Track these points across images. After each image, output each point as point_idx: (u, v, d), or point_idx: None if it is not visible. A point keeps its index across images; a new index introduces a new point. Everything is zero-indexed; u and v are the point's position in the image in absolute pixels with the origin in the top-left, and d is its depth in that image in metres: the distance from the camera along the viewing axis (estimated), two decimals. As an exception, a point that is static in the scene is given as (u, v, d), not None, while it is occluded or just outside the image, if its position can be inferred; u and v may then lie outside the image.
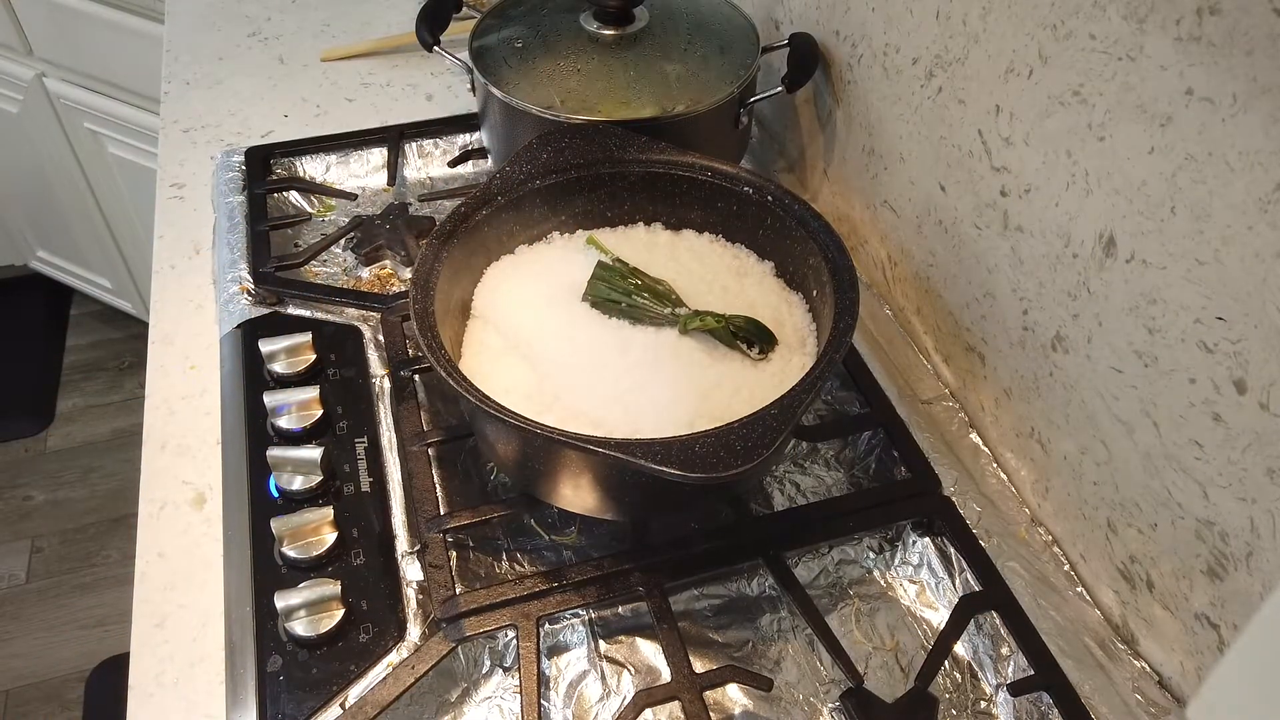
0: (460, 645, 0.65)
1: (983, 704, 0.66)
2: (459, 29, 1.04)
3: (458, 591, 0.67)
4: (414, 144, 1.06)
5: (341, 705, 0.62)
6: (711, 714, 0.62)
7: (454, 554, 0.71)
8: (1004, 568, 0.70)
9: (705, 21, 0.95)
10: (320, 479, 0.72)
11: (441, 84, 1.19)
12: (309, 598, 0.65)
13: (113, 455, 2.11)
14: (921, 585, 0.73)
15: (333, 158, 1.04)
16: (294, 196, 1.01)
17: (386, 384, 0.81)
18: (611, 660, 0.67)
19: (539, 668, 0.63)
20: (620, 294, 0.75)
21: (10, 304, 2.40)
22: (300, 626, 0.64)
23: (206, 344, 0.87)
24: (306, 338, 0.82)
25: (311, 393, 0.78)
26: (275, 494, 0.72)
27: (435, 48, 0.97)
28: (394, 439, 0.77)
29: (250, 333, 0.84)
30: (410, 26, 1.00)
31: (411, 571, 0.69)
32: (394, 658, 0.64)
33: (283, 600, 0.65)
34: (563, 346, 0.73)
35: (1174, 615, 0.64)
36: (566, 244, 0.82)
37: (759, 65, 0.93)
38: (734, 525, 0.72)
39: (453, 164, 1.05)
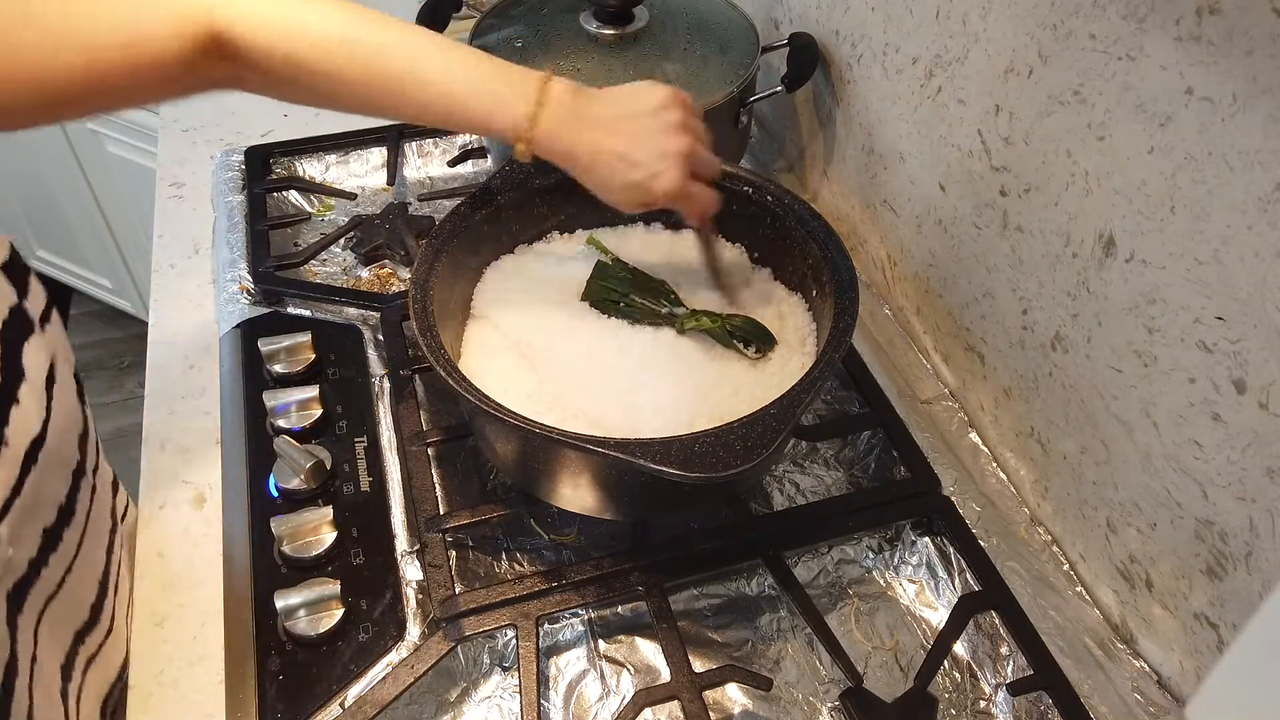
0: (460, 645, 0.65)
1: (982, 704, 0.66)
2: (459, 28, 1.04)
3: (457, 591, 0.67)
4: (413, 143, 1.05)
5: (341, 705, 0.62)
6: (711, 713, 0.62)
7: (453, 553, 0.71)
8: (1003, 568, 0.70)
9: (705, 21, 0.95)
10: (320, 477, 0.73)
11: (441, 84, 1.19)
12: (309, 597, 0.65)
13: (113, 455, 2.10)
14: (921, 585, 0.73)
15: (332, 157, 1.04)
16: (293, 196, 1.01)
17: (386, 384, 0.81)
18: (611, 660, 0.67)
19: (538, 667, 0.63)
20: (618, 294, 0.75)
21: (10, 304, 2.39)
22: (300, 626, 0.64)
23: (206, 344, 0.87)
24: (306, 337, 0.82)
25: (311, 392, 0.78)
26: (275, 494, 0.73)
27: (435, 47, 0.97)
28: (394, 439, 0.77)
29: (250, 332, 0.84)
30: (410, 26, 1.00)
31: (411, 571, 0.69)
32: (393, 657, 0.64)
33: (282, 600, 0.65)
34: (563, 346, 0.73)
35: (1173, 615, 0.64)
36: (566, 244, 0.82)
37: (759, 65, 0.93)
38: (734, 525, 0.72)
39: (452, 163, 1.05)
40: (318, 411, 0.77)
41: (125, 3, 0.54)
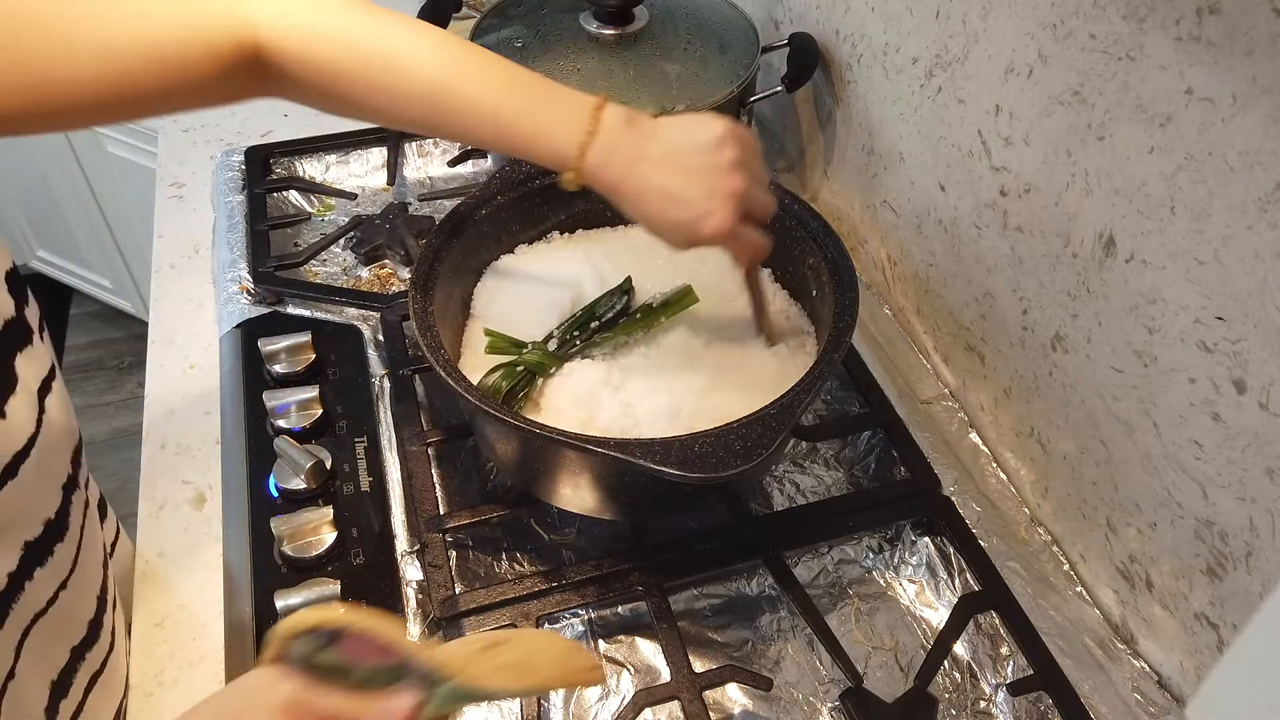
0: (460, 645, 0.65)
1: (982, 704, 0.66)
2: (459, 29, 1.04)
3: (457, 591, 0.67)
4: (414, 143, 1.06)
5: (341, 705, 0.62)
6: (711, 714, 0.62)
7: (453, 554, 0.71)
8: (1004, 568, 0.70)
9: (705, 21, 0.95)
10: (320, 476, 0.73)
11: (441, 84, 1.19)
12: (309, 597, 0.65)
13: (113, 455, 2.10)
14: (921, 585, 0.73)
15: (332, 157, 1.04)
16: (294, 196, 1.01)
17: (386, 384, 0.81)
18: (611, 660, 0.67)
19: (539, 667, 0.63)
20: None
21: (10, 304, 2.39)
22: (300, 626, 0.64)
23: (206, 344, 0.87)
24: (306, 337, 0.82)
25: (311, 392, 0.78)
26: (275, 494, 0.72)
27: (435, 47, 0.97)
28: (394, 439, 0.77)
29: (250, 332, 0.84)
30: (410, 26, 1.00)
31: (411, 571, 0.69)
32: (394, 657, 0.64)
33: (283, 600, 0.65)
34: (562, 346, 0.73)
35: (1173, 615, 0.64)
36: (566, 244, 0.82)
37: (759, 65, 0.93)
38: (734, 525, 0.72)
39: (452, 163, 1.05)
40: (318, 411, 0.77)
41: (160, 16, 0.52)
